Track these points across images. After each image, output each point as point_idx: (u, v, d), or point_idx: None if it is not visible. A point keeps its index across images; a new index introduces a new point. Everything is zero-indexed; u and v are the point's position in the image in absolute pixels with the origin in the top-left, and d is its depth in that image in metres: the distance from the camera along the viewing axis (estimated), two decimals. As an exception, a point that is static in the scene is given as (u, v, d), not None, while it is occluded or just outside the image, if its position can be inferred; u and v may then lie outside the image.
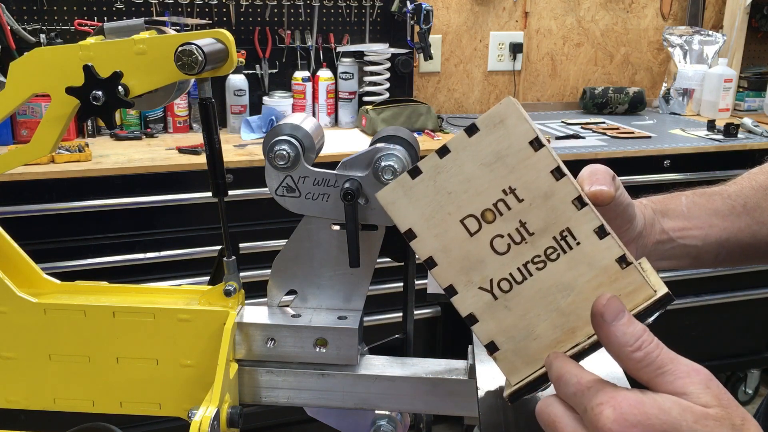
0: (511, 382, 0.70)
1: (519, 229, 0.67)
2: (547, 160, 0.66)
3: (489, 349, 0.69)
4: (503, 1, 3.33)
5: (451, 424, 2.61)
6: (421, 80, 3.29)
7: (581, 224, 0.66)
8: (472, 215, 0.67)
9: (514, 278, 0.67)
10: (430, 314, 2.75)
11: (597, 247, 0.66)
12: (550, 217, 0.66)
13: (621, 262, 0.66)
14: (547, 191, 0.66)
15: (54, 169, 2.22)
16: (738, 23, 3.42)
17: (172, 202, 2.34)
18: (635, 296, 0.66)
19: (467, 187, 0.67)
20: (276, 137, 0.85)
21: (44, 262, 1.01)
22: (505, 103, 0.66)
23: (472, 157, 0.66)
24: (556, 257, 0.67)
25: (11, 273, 0.92)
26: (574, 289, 0.67)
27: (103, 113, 0.82)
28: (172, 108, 2.81)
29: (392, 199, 0.68)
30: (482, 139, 0.66)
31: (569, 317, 0.67)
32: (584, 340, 0.67)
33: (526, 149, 0.66)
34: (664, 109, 3.46)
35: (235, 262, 0.90)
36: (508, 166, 0.66)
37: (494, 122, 0.66)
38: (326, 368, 0.89)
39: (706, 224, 0.88)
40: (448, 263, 0.68)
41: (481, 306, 0.68)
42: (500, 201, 0.67)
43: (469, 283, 0.68)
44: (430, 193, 0.67)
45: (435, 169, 0.67)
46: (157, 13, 2.77)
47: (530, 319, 0.68)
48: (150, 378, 0.91)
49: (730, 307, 3.04)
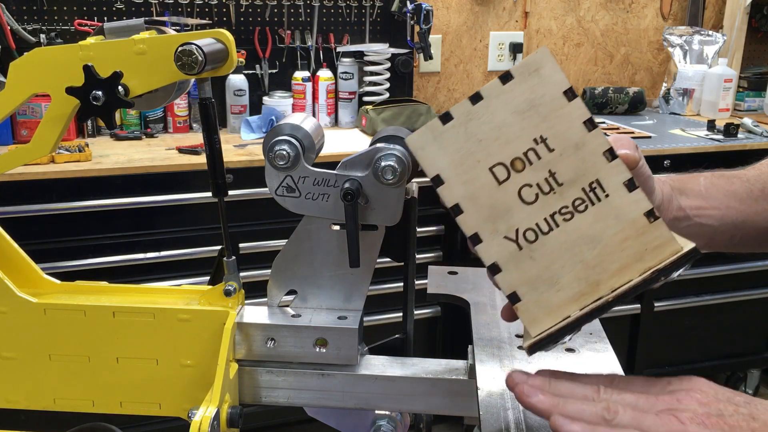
0: (532, 333, 0.69)
1: (548, 179, 0.66)
2: (580, 111, 0.66)
3: (511, 299, 0.69)
4: (503, 1, 3.33)
5: (451, 424, 2.61)
6: (421, 80, 3.29)
7: (611, 176, 0.66)
8: (501, 163, 0.67)
9: (541, 229, 0.67)
10: (430, 314, 2.75)
11: (626, 199, 0.66)
12: (580, 168, 0.66)
13: (649, 216, 0.66)
14: (578, 142, 0.66)
15: (54, 169, 2.22)
16: (738, 23, 3.42)
17: (172, 202, 2.34)
18: (662, 251, 0.66)
19: (498, 135, 0.66)
20: (276, 137, 0.85)
21: (44, 262, 1.01)
22: (541, 52, 0.66)
23: (504, 104, 0.66)
24: (584, 209, 0.66)
25: (11, 273, 0.92)
26: (601, 242, 0.66)
27: (103, 113, 0.82)
28: (172, 108, 2.81)
29: (421, 144, 0.67)
30: (516, 87, 0.66)
31: (594, 270, 0.67)
32: (607, 294, 0.67)
33: (559, 99, 0.66)
34: (664, 109, 3.46)
35: (235, 262, 0.90)
36: (540, 115, 0.66)
37: (529, 70, 0.66)
38: (326, 368, 0.89)
39: (723, 205, 0.88)
40: (475, 211, 0.67)
41: (506, 255, 0.68)
42: (531, 150, 0.66)
43: (494, 232, 0.67)
44: (461, 139, 0.67)
45: (466, 115, 0.67)
46: (157, 13, 2.77)
47: (554, 270, 0.67)
48: (150, 378, 0.91)
49: (730, 307, 3.04)
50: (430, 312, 2.74)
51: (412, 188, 0.89)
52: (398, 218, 0.86)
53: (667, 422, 0.60)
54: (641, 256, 0.66)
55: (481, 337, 0.92)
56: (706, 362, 3.08)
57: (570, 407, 0.63)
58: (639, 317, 2.93)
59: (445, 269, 1.15)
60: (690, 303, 2.98)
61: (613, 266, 0.66)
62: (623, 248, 0.65)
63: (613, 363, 0.87)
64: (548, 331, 0.68)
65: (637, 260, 0.66)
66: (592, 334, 0.93)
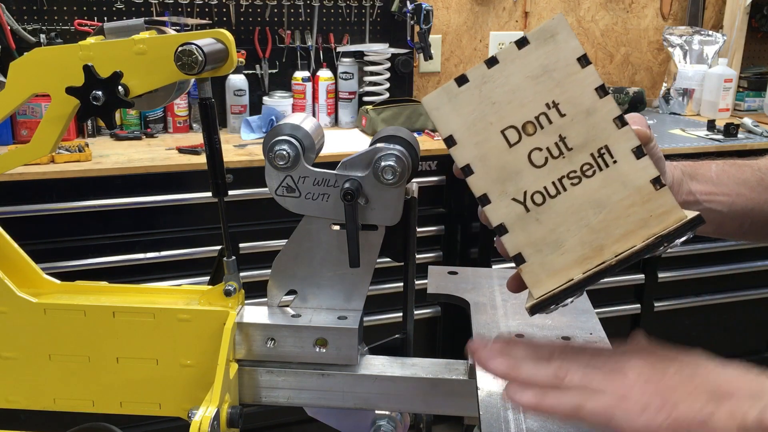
0: (534, 295, 0.70)
1: (558, 144, 0.68)
2: (593, 77, 0.67)
3: (516, 260, 0.70)
4: (503, 1, 3.33)
5: (451, 424, 2.60)
6: (421, 80, 3.29)
7: (620, 143, 0.67)
8: (513, 126, 0.68)
9: (548, 192, 0.68)
10: (430, 314, 2.75)
11: (633, 166, 0.67)
12: (590, 134, 0.67)
13: (655, 183, 0.67)
14: (589, 108, 0.67)
15: (54, 169, 2.22)
16: (738, 23, 3.42)
17: (172, 202, 2.34)
18: (666, 218, 0.67)
19: (511, 98, 0.68)
20: (276, 137, 0.85)
21: (44, 262, 1.01)
22: (557, 19, 0.68)
23: (519, 68, 0.67)
24: (591, 174, 0.67)
25: (11, 273, 0.92)
26: (606, 207, 0.68)
27: (103, 113, 0.82)
28: (172, 108, 2.81)
29: (436, 105, 0.69)
30: (531, 52, 0.67)
31: (598, 234, 0.68)
32: (611, 258, 0.68)
33: (573, 65, 0.67)
34: (664, 109, 3.46)
35: (235, 262, 0.90)
36: (554, 80, 0.67)
37: (545, 36, 0.67)
38: (326, 368, 0.89)
39: (733, 192, 0.89)
40: (485, 172, 0.69)
41: (513, 217, 0.69)
42: (542, 114, 0.68)
43: (503, 193, 0.69)
44: (475, 101, 0.68)
45: (482, 78, 0.68)
46: (157, 13, 2.77)
47: (560, 233, 0.69)
48: (150, 378, 0.91)
49: (730, 307, 3.04)
50: (430, 312, 2.74)
51: (412, 188, 0.89)
52: (398, 218, 0.86)
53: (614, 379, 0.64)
54: (645, 223, 0.68)
55: (481, 337, 0.92)
56: (706, 362, 3.08)
57: (524, 369, 0.67)
58: (639, 317, 2.93)
59: (445, 269, 1.15)
60: (690, 303, 2.98)
61: (618, 231, 0.67)
62: (628, 214, 0.67)
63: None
64: (551, 292, 0.69)
65: (642, 226, 0.68)
66: (592, 334, 0.93)
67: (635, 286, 2.90)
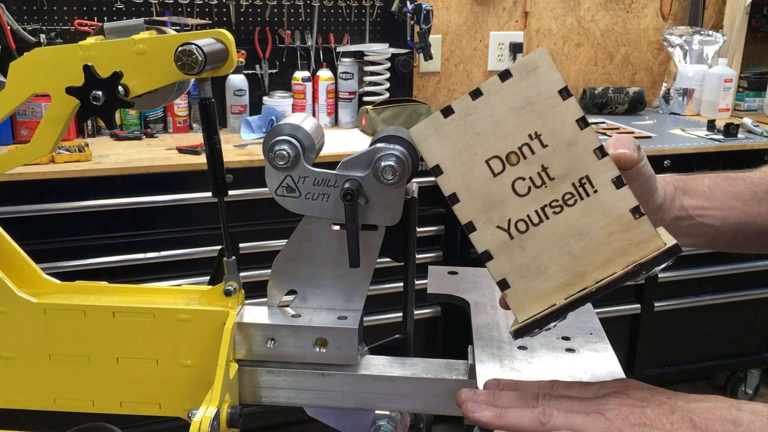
0: (519, 319, 0.73)
1: (540, 173, 0.70)
2: (574, 110, 0.69)
3: (501, 286, 0.73)
4: (503, 1, 3.33)
5: (451, 424, 2.61)
6: (421, 80, 3.29)
7: (600, 173, 0.69)
8: (497, 156, 0.70)
9: (531, 220, 0.70)
10: (430, 314, 2.75)
11: (613, 196, 0.69)
12: (571, 164, 0.69)
13: (635, 213, 0.69)
14: (570, 139, 0.69)
15: (54, 169, 2.22)
16: (738, 23, 3.42)
17: (172, 202, 2.34)
18: (645, 246, 0.69)
19: (495, 130, 0.70)
20: (276, 137, 0.85)
21: (44, 262, 1.01)
22: (539, 53, 0.69)
23: (502, 101, 0.69)
24: (573, 203, 0.70)
25: (11, 273, 0.92)
26: (587, 235, 0.70)
27: (103, 113, 0.82)
28: (172, 108, 2.81)
29: (423, 136, 0.71)
30: (514, 85, 0.69)
31: (580, 261, 0.70)
32: (591, 285, 0.70)
33: (555, 97, 0.69)
34: (664, 109, 3.46)
35: (235, 262, 0.90)
36: (536, 112, 0.69)
37: (527, 69, 0.69)
38: (326, 368, 0.88)
39: (726, 206, 0.90)
40: (470, 200, 0.71)
41: (498, 244, 0.71)
42: (525, 145, 0.69)
43: (488, 221, 0.71)
44: (460, 132, 0.70)
45: (466, 109, 0.70)
46: (157, 13, 2.77)
47: (543, 260, 0.71)
48: (150, 378, 0.91)
49: (730, 307, 3.04)
50: (430, 312, 2.74)
51: (412, 188, 0.89)
52: (398, 218, 0.85)
53: (595, 421, 0.67)
54: (625, 250, 0.70)
55: (481, 337, 0.92)
56: (706, 362, 3.08)
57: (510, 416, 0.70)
58: (639, 317, 2.93)
59: (445, 269, 1.15)
60: (690, 303, 2.98)
61: (598, 259, 0.69)
62: (609, 242, 0.69)
63: (613, 363, 0.87)
64: (534, 317, 0.72)
65: (621, 254, 0.70)
66: (592, 334, 0.93)
67: (635, 286, 2.90)
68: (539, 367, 0.85)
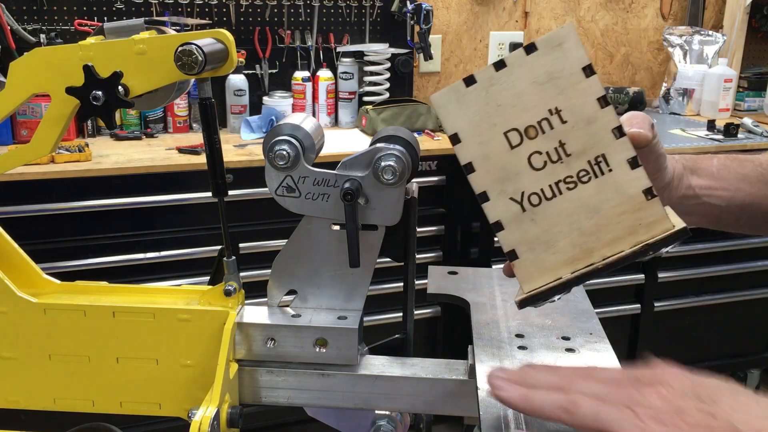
0: (524, 289, 0.73)
1: (557, 149, 0.70)
2: (596, 87, 0.69)
3: (509, 256, 0.73)
4: (503, 1, 3.33)
5: (451, 424, 2.61)
6: (421, 80, 3.29)
7: (616, 152, 0.69)
8: (516, 129, 0.70)
9: (545, 194, 0.71)
10: (430, 314, 2.75)
11: (627, 176, 0.69)
12: (588, 142, 0.69)
13: (647, 194, 0.69)
14: (590, 116, 0.69)
15: (54, 169, 2.22)
16: (738, 23, 3.42)
17: (172, 202, 2.34)
18: (654, 227, 0.70)
19: (516, 102, 0.70)
20: (276, 137, 0.85)
21: (44, 262, 1.01)
22: (566, 28, 0.69)
23: (526, 74, 0.69)
24: (587, 180, 0.70)
25: (11, 273, 0.92)
26: (599, 213, 0.70)
27: (103, 113, 0.82)
28: (172, 108, 2.81)
29: (444, 103, 0.71)
30: (538, 59, 0.69)
31: (589, 238, 0.71)
32: (599, 261, 0.71)
33: (578, 74, 0.69)
34: (664, 109, 3.46)
35: (235, 262, 0.90)
36: (558, 87, 0.69)
37: (553, 44, 0.69)
38: (326, 368, 0.88)
39: (733, 186, 0.90)
40: (486, 171, 0.71)
41: (509, 215, 0.72)
42: (545, 119, 0.70)
43: (501, 192, 0.71)
44: (481, 102, 0.70)
45: (489, 80, 0.70)
46: (157, 13, 2.77)
47: (553, 234, 0.71)
48: (150, 378, 0.91)
49: (730, 307, 3.04)
50: (430, 312, 2.74)
51: (412, 188, 0.88)
52: (398, 218, 0.86)
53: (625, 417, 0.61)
54: (634, 230, 0.70)
55: (481, 337, 0.92)
56: (706, 362, 3.08)
57: (536, 399, 0.64)
58: (639, 317, 2.93)
59: (445, 269, 1.15)
60: (690, 303, 2.98)
61: (608, 236, 0.70)
62: (619, 221, 0.69)
63: (613, 363, 0.87)
64: (540, 289, 0.73)
65: (630, 233, 0.70)
66: (592, 334, 0.93)
67: (635, 286, 2.90)
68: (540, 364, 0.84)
